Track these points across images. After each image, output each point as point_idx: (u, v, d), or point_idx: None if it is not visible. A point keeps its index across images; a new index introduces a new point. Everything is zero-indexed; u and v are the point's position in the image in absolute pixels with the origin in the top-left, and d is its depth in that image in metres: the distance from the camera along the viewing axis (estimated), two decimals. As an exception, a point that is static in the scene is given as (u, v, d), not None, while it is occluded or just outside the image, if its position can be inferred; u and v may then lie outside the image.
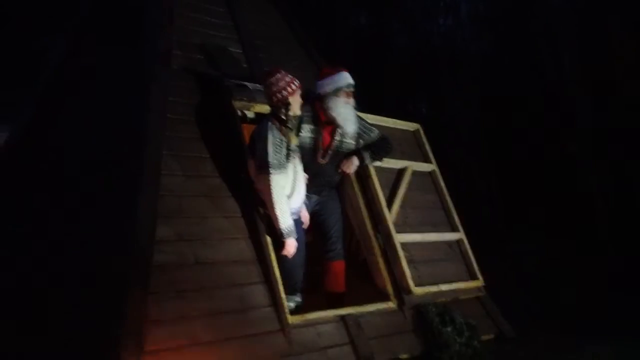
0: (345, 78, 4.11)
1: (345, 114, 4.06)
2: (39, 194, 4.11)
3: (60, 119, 4.43)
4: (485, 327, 4.55)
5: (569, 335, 4.62)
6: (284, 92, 3.68)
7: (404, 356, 3.98)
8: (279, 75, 3.71)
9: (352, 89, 4.12)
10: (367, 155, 4.24)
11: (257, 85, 4.24)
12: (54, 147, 4.30)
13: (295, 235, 3.68)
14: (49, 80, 4.76)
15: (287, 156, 3.67)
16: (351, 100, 4.12)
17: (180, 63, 4.19)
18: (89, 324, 3.13)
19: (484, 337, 4.40)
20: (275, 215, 3.60)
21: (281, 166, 3.61)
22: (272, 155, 3.57)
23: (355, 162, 4.20)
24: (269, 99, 3.75)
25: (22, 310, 3.54)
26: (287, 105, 3.69)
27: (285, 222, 3.62)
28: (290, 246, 3.68)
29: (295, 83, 3.74)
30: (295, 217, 3.82)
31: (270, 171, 3.55)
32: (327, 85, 4.09)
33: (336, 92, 4.07)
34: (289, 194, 3.72)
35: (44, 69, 4.85)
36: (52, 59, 4.85)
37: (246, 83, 4.24)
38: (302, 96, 3.81)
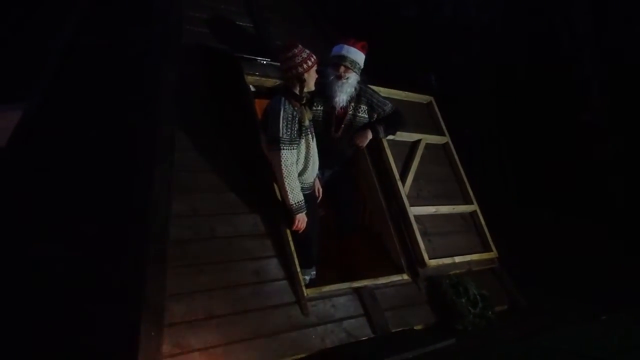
0: (337, 50, 4.04)
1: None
2: (54, 172, 4.14)
3: (73, 98, 4.43)
4: (498, 298, 4.59)
5: (581, 306, 4.64)
6: (300, 69, 3.60)
7: (419, 327, 4.03)
8: (296, 50, 3.62)
9: (345, 63, 4.00)
10: (380, 129, 4.21)
11: (269, 59, 4.22)
12: (68, 125, 4.31)
13: (304, 210, 3.67)
14: (59, 59, 4.76)
15: (300, 132, 3.63)
16: (343, 74, 4.00)
17: (191, 38, 4.16)
18: (108, 299, 3.18)
19: (498, 308, 4.44)
20: (285, 190, 3.59)
21: (292, 142, 3.58)
22: (284, 131, 3.54)
23: (368, 135, 4.17)
24: (284, 73, 3.69)
25: (38, 288, 3.58)
26: (302, 81, 3.62)
27: (295, 197, 3.61)
28: (300, 221, 3.68)
29: (312, 59, 3.65)
30: (308, 192, 3.83)
31: (281, 147, 3.54)
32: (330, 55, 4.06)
33: (331, 62, 4.03)
34: (302, 169, 3.71)
35: (54, 48, 4.83)
36: (61, 38, 4.83)
37: (258, 58, 4.22)
38: (318, 71, 3.74)
